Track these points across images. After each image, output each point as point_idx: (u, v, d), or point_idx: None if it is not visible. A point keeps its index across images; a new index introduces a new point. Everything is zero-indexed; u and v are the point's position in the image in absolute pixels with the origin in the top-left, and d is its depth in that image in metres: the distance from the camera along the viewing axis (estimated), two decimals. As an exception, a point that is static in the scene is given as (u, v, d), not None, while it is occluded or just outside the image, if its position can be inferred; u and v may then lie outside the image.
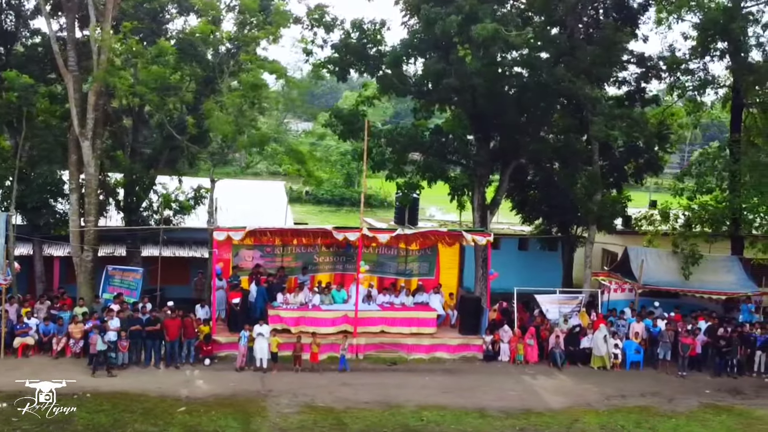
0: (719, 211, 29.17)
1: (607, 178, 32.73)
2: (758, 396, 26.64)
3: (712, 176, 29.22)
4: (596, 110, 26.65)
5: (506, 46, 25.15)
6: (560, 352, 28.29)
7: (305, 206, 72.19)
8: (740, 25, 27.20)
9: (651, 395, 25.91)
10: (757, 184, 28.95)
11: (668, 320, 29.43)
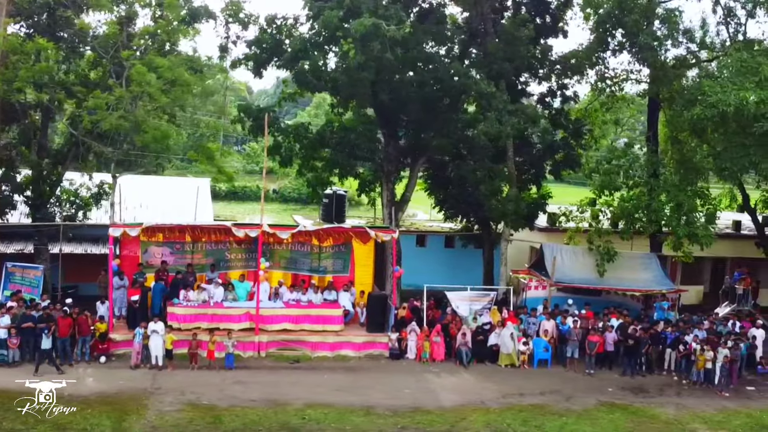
0: (627, 209, 28.84)
1: (526, 175, 32.45)
2: (661, 394, 26.35)
3: (618, 174, 28.85)
4: (491, 106, 26.31)
5: (391, 42, 24.77)
6: (467, 350, 27.97)
7: (272, 204, 71.76)
8: (634, 18, 26.92)
9: (550, 393, 25.58)
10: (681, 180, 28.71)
11: (579, 318, 29.06)
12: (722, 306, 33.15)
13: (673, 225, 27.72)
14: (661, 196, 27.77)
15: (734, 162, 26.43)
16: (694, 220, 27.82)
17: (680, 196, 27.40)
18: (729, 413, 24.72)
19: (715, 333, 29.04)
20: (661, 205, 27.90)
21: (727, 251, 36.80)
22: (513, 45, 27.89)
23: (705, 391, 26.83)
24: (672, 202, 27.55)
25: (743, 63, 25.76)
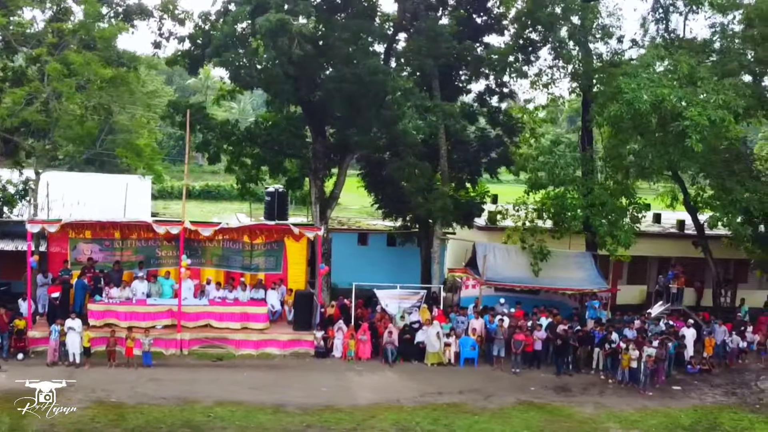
0: (550, 206, 28.69)
1: (461, 173, 32.33)
2: (584, 394, 26.18)
3: (544, 171, 28.64)
4: (409, 102, 26.11)
5: (300, 37, 24.55)
6: (392, 349, 27.77)
7: (243, 204, 71.43)
8: (547, 13, 26.75)
9: (470, 392, 25.40)
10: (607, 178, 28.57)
11: (508, 317, 28.91)
12: (656, 305, 32.99)
13: (595, 224, 27.52)
14: (580, 194, 27.45)
15: (653, 161, 26.26)
16: (617, 219, 27.60)
17: (603, 195, 27.21)
18: (647, 412, 24.55)
19: (645, 332, 28.82)
20: (578, 202, 27.59)
21: (672, 251, 36.62)
22: (435, 41, 27.69)
23: (629, 391, 26.66)
24: (596, 200, 27.32)
25: (659, 60, 25.60)
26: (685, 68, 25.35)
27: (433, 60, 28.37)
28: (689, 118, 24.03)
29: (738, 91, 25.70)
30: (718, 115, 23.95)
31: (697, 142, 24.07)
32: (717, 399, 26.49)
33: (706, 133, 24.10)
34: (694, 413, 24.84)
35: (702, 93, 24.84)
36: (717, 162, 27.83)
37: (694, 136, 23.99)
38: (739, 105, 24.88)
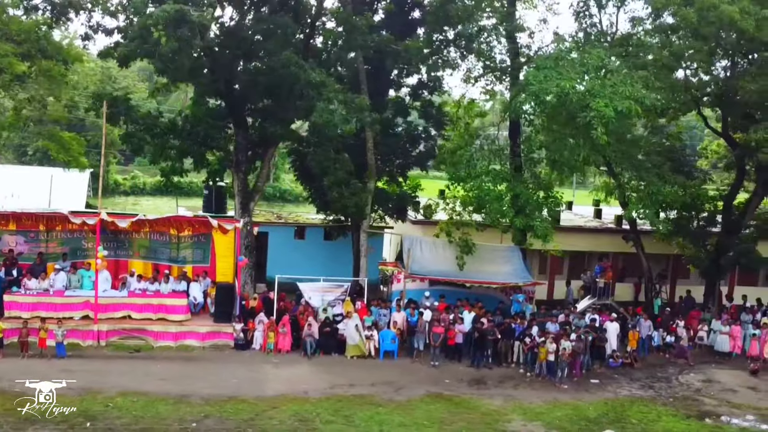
0: (469, 200, 28.68)
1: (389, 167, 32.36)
2: (498, 386, 26.21)
3: (462, 164, 28.60)
4: (322, 95, 26.06)
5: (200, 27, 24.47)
6: (312, 341, 27.77)
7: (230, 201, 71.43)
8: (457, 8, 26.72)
9: (382, 384, 25.39)
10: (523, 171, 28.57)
11: (431, 310, 28.92)
12: (583, 299, 33.05)
13: (510, 217, 27.51)
14: (495, 187, 27.40)
15: (562, 154, 26.28)
16: (531, 212, 27.56)
17: (518, 187, 27.19)
18: (556, 405, 24.57)
19: (570, 325, 28.83)
20: (492, 195, 27.51)
21: (611, 246, 36.63)
22: (351, 34, 27.66)
23: (545, 384, 26.70)
24: (509, 193, 27.28)
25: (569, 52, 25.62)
26: (595, 61, 25.35)
27: (347, 53, 28.34)
28: (595, 109, 24.02)
29: (647, 84, 25.70)
30: (625, 105, 23.91)
31: (602, 135, 24.06)
32: (632, 392, 26.51)
33: (612, 125, 24.06)
34: (603, 406, 24.85)
35: (610, 85, 24.78)
36: (634, 155, 27.77)
37: (600, 128, 23.98)
38: (645, 97, 24.84)
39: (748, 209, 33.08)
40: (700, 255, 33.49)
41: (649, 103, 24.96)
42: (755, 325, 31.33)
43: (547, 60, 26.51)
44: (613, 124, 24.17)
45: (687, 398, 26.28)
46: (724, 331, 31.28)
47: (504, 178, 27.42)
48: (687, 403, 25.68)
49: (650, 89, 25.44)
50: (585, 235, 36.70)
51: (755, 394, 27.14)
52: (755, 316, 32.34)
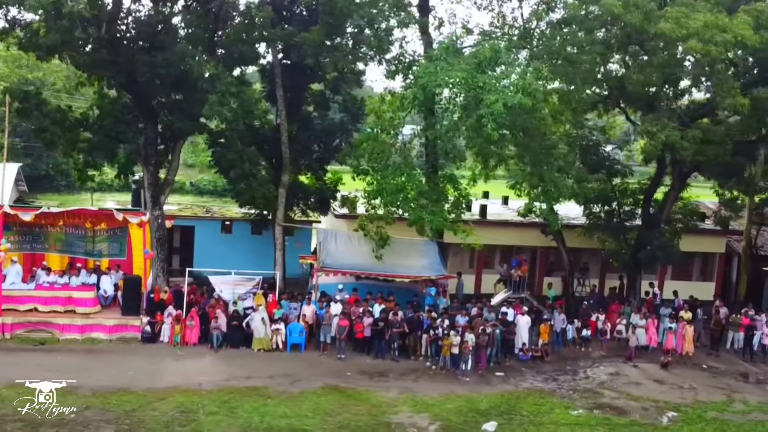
0: (371, 194, 28.69)
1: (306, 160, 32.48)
2: (399, 379, 26.30)
3: (364, 158, 28.56)
4: (215, 88, 26.04)
5: (81, 19, 24.40)
6: (218, 334, 27.82)
7: (186, 197, 71.42)
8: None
9: (281, 377, 25.46)
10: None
11: (341, 303, 28.97)
12: (499, 293, 33.12)
13: (408, 210, 27.47)
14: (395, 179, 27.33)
15: (455, 146, 26.34)
16: (427, 205, 27.49)
17: (413, 180, 27.12)
18: (450, 397, 24.64)
19: (477, 318, 28.87)
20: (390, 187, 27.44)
21: (538, 240, 36.54)
22: (251, 27, 27.65)
23: (447, 377, 26.78)
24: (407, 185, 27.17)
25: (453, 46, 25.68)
26: (488, 53, 25.37)
27: (249, 46, 28.32)
28: (487, 105, 24.06)
29: (539, 76, 25.74)
30: (515, 100, 23.92)
31: (493, 130, 24.09)
32: (534, 385, 26.58)
33: (503, 119, 24.07)
34: (498, 398, 24.94)
35: (503, 78, 24.79)
36: (537, 150, 27.79)
37: (491, 124, 24.02)
38: (535, 89, 24.82)
39: (666, 203, 33.12)
40: (621, 249, 33.52)
41: (541, 96, 24.97)
42: (672, 319, 31.36)
43: (437, 52, 26.51)
44: (504, 118, 24.15)
45: (588, 391, 26.33)
46: (640, 324, 31.32)
47: (403, 171, 27.28)
48: (585, 396, 25.77)
49: (548, 81, 25.44)
50: (511, 228, 36.70)
51: (659, 387, 27.24)
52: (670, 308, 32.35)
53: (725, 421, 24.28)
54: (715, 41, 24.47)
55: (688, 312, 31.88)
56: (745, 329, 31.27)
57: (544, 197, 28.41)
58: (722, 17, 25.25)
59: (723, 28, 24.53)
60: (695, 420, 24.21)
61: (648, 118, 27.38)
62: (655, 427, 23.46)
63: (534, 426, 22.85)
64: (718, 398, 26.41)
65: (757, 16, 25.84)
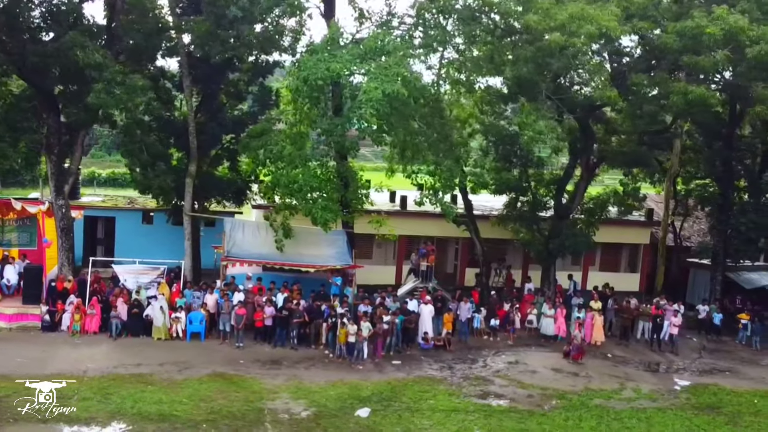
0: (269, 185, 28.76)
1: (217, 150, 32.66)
2: (292, 367, 26.41)
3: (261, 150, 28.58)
4: (102, 77, 26.05)
5: None
6: (118, 323, 27.93)
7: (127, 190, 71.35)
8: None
9: (170, 364, 25.59)
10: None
11: (244, 292, 29.08)
12: (408, 282, 33.26)
13: (302, 202, 27.52)
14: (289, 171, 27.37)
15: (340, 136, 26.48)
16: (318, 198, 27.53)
17: (308, 173, 27.15)
18: (336, 384, 24.78)
19: (384, 308, 28.99)
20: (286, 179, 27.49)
21: (457, 231, 36.48)
22: (145, 17, 27.70)
23: (342, 365, 26.97)
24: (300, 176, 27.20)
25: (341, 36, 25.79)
26: (372, 43, 25.46)
27: (144, 36, 28.35)
28: (365, 92, 24.16)
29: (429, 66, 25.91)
30: (393, 89, 23.98)
31: (371, 117, 24.18)
32: (426, 373, 26.74)
33: (381, 107, 24.13)
34: (384, 386, 25.09)
35: (385, 67, 24.83)
36: (434, 139, 27.88)
37: (369, 110, 24.10)
38: (415, 78, 24.88)
39: (577, 194, 33.28)
40: (534, 240, 33.68)
41: (419, 84, 25.06)
42: (579, 308, 31.57)
43: (319, 44, 26.58)
44: (383, 106, 24.22)
45: (480, 379, 26.51)
46: (548, 314, 31.53)
47: (299, 162, 27.30)
48: (474, 384, 25.93)
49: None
50: (433, 220, 36.79)
51: (554, 375, 27.43)
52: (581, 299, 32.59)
53: (607, 408, 24.45)
54: (579, 33, 24.57)
55: (597, 302, 32.07)
56: (653, 319, 31.41)
57: (440, 186, 28.47)
58: (589, 8, 25.36)
59: (589, 20, 24.63)
60: (576, 407, 24.38)
61: (527, 108, 27.50)
62: (532, 414, 23.54)
63: (409, 412, 22.96)
64: (610, 386, 26.58)
65: (626, 6, 25.98)
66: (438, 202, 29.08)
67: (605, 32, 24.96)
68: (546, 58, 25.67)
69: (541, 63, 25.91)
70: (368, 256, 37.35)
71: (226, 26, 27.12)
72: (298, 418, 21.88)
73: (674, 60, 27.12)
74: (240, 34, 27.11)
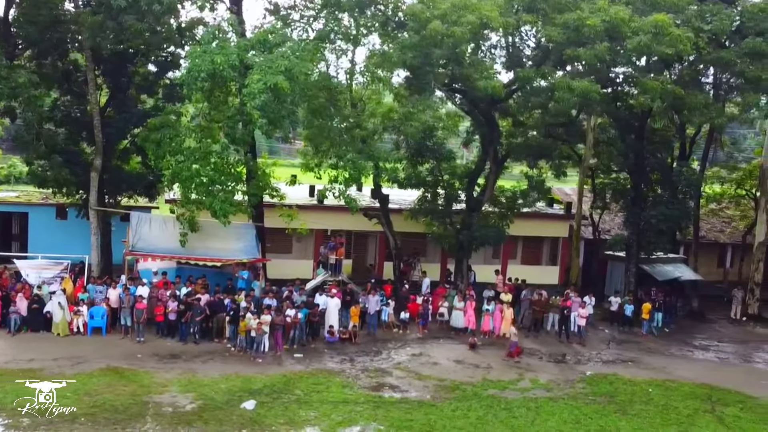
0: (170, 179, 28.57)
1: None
2: (189, 361, 26.32)
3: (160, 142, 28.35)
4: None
5: None
6: (17, 318, 27.65)
7: None
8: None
9: (65, 359, 25.41)
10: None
11: (149, 287, 28.93)
12: (318, 276, 33.28)
13: (202, 196, 27.36)
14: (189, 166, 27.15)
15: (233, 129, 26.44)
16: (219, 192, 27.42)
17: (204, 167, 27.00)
18: (230, 378, 24.70)
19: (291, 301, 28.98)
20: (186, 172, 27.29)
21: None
22: (37, 8, 27.42)
23: (242, 358, 26.93)
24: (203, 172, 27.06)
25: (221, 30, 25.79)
26: (261, 36, 25.44)
27: (37, 28, 28.06)
28: (247, 85, 24.12)
29: (313, 58, 25.84)
30: (274, 81, 23.91)
31: (253, 108, 24.12)
32: (326, 366, 26.80)
33: (264, 99, 24.06)
34: (280, 378, 25.07)
35: (272, 59, 24.75)
36: (333, 131, 27.91)
37: (250, 103, 24.06)
38: (299, 70, 24.81)
39: (487, 186, 33.51)
40: (447, 233, 33.84)
41: (303, 77, 25.02)
42: (488, 301, 31.80)
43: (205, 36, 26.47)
44: (267, 98, 24.15)
45: (378, 371, 26.60)
46: (458, 307, 31.71)
47: (199, 155, 27.12)
48: (371, 376, 26.01)
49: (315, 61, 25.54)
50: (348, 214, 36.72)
51: (455, 367, 27.64)
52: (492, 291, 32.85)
53: (500, 398, 24.63)
54: (461, 22, 24.72)
55: (508, 294, 32.34)
56: (561, 310, 31.74)
57: (342, 179, 28.52)
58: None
59: (471, 9, 24.77)
60: (469, 398, 24.53)
61: (413, 100, 27.65)
62: (422, 405, 23.63)
63: (297, 404, 22.95)
64: (509, 377, 26.81)
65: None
66: (341, 195, 29.09)
67: (486, 22, 25.08)
68: (430, 47, 25.76)
69: (428, 52, 26.00)
70: (287, 251, 37.34)
71: (114, 17, 26.83)
72: (181, 411, 21.76)
73: (560, 53, 27.37)
74: (124, 26, 26.80)
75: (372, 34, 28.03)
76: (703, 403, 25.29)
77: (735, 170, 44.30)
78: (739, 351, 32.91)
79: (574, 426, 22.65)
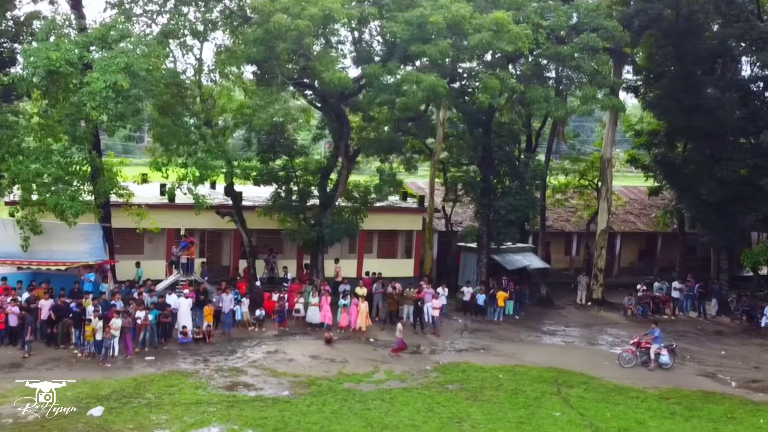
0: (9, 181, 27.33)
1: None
2: (32, 369, 25.24)
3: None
4: None
5: None
6: None
7: None
8: None
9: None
10: None
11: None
12: (171, 276, 32.68)
13: (45, 195, 26.25)
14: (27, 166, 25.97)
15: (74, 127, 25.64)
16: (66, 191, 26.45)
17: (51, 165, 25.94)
18: (77, 384, 23.74)
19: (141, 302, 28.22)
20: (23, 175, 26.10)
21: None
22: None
23: (90, 363, 26.11)
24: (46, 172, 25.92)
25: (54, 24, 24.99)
26: (99, 31, 24.71)
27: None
28: (87, 83, 23.34)
29: (159, 53, 25.33)
30: (113, 79, 23.26)
31: (92, 109, 23.40)
32: (179, 367, 26.30)
33: (105, 96, 23.36)
34: (130, 382, 24.43)
35: (110, 57, 24.01)
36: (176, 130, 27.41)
37: (90, 102, 23.34)
38: (139, 66, 24.22)
39: (339, 182, 33.78)
40: (301, 228, 33.83)
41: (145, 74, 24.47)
42: (344, 295, 32.03)
43: (39, 32, 25.47)
44: (109, 97, 23.44)
45: (233, 370, 26.34)
46: (314, 302, 31.78)
47: (40, 155, 25.94)
48: (226, 375, 25.70)
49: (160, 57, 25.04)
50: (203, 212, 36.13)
51: (311, 362, 27.73)
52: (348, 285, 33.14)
53: (355, 391, 24.85)
54: (303, 15, 24.87)
55: (363, 288, 32.69)
56: (415, 302, 32.37)
57: (191, 177, 28.03)
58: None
59: (313, 2, 24.96)
60: (324, 392, 24.62)
61: (258, 91, 27.61)
62: (277, 402, 23.58)
63: (148, 408, 22.43)
64: (364, 370, 27.10)
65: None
66: (189, 192, 28.58)
67: (329, 14, 25.26)
68: (275, 41, 25.72)
69: (272, 46, 25.93)
70: (139, 251, 36.26)
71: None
72: (22, 422, 20.81)
73: (405, 49, 27.93)
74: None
75: (218, 29, 27.60)
76: (550, 385, 26.38)
77: (578, 162, 46.38)
78: (584, 334, 34.60)
79: (427, 414, 23.14)
